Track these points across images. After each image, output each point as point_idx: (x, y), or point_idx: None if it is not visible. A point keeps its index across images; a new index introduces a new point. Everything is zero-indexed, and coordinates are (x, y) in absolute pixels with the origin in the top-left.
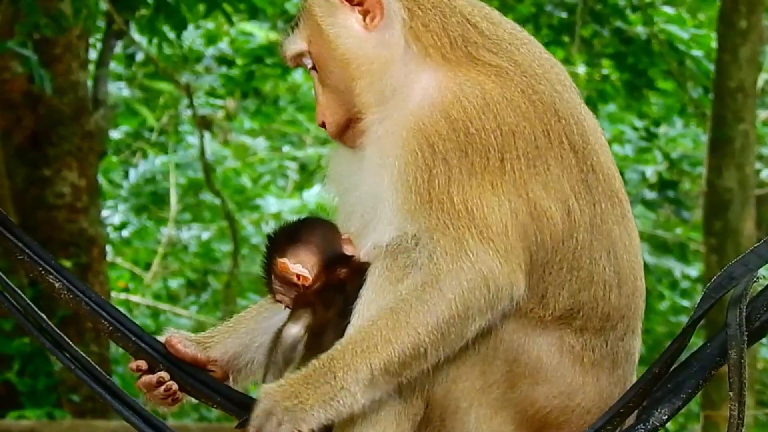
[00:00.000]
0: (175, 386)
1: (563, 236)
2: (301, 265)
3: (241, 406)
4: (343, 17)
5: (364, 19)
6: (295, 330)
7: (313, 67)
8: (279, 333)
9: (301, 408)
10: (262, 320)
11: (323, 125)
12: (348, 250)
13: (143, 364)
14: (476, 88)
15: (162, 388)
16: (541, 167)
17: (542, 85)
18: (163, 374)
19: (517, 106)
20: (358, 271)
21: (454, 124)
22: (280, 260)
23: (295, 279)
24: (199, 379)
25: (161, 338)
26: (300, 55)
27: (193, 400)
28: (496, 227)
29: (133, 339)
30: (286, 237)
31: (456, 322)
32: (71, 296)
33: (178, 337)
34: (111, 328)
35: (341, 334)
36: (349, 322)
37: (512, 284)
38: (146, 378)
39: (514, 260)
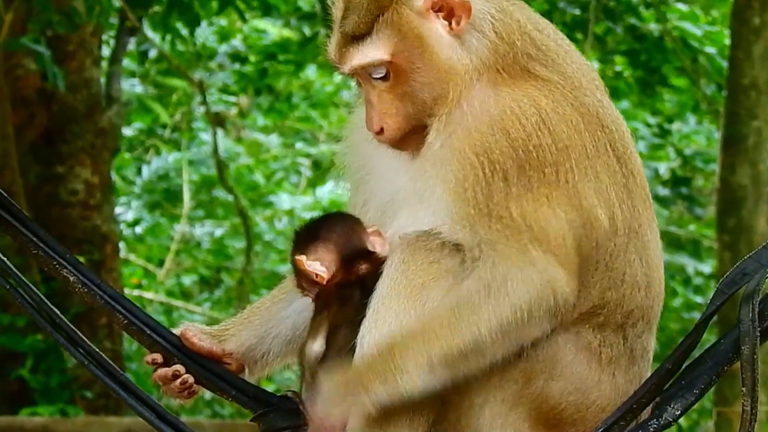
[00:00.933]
0: (191, 379)
1: (604, 240)
2: (319, 263)
3: (256, 399)
4: (432, 25)
5: (450, 25)
6: (317, 347)
7: (383, 77)
8: (303, 348)
9: (364, 391)
10: (277, 311)
11: (381, 131)
12: (376, 243)
13: (158, 357)
14: (532, 105)
15: (178, 381)
16: (591, 176)
17: (588, 96)
18: (179, 367)
19: (568, 119)
20: (379, 265)
21: (513, 143)
22: (297, 258)
23: (313, 276)
24: (214, 372)
25: (176, 331)
26: (374, 65)
27: (207, 396)
28: (555, 240)
29: (148, 332)
30: (307, 234)
31: (518, 327)
32: (86, 290)
33: (193, 330)
34: (126, 321)
35: (357, 329)
36: (364, 317)
37: (572, 293)
38: (162, 371)
39: (572, 269)
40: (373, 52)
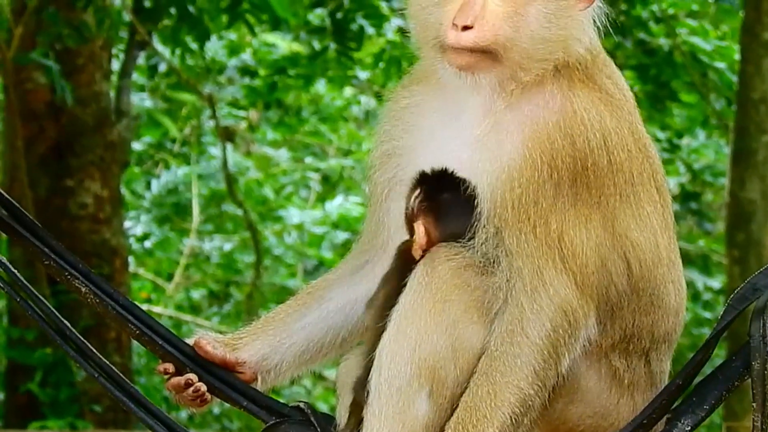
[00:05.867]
0: (203, 387)
1: (650, 267)
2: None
3: (268, 409)
4: None
5: None
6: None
7: None
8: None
9: None
10: (292, 321)
11: (469, 27)
12: None
13: (171, 366)
14: (599, 121)
15: (191, 389)
16: (633, 202)
17: (640, 125)
18: (192, 376)
19: (625, 144)
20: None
21: (576, 154)
22: (416, 223)
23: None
24: (226, 381)
25: (190, 340)
26: None
27: (216, 411)
28: (580, 259)
29: (161, 342)
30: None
31: (550, 364)
32: (98, 300)
33: (208, 339)
34: (138, 331)
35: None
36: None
37: (587, 315)
38: (175, 380)
39: (588, 292)
40: None
